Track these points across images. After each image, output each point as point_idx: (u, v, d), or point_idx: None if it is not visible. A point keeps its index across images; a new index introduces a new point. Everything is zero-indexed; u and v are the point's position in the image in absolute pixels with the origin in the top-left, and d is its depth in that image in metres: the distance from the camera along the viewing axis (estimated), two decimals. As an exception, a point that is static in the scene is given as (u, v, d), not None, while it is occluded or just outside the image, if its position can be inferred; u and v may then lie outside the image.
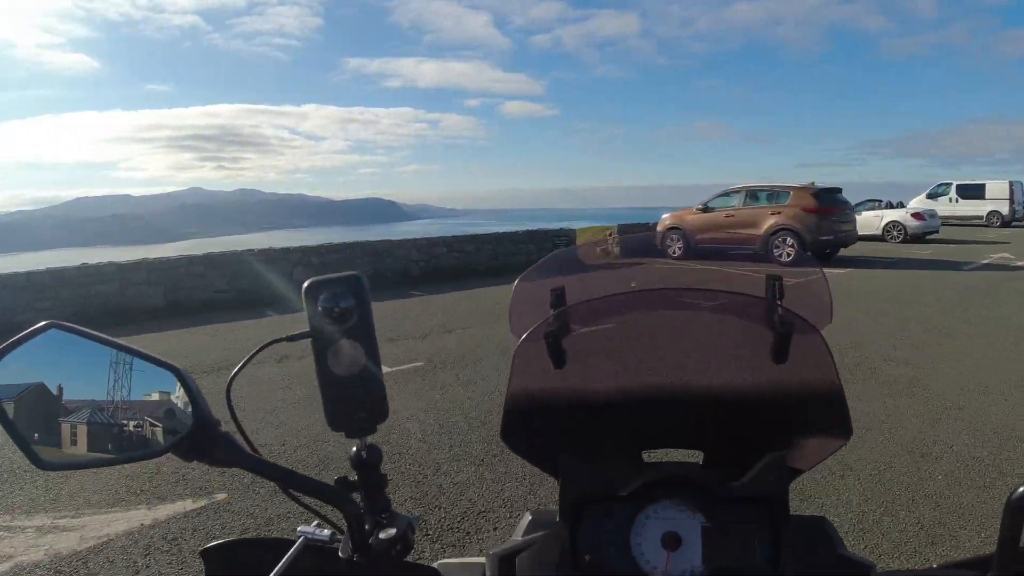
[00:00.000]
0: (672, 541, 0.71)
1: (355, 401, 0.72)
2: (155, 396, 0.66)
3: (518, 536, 0.75)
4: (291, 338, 0.73)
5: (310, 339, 0.71)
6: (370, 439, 0.75)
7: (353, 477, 0.74)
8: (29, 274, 10.18)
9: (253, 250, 12.43)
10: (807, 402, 0.76)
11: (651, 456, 0.80)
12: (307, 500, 0.74)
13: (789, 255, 13.48)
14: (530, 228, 16.76)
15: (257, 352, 0.71)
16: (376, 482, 0.74)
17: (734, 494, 0.71)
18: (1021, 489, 0.54)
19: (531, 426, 0.78)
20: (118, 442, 0.65)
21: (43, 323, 0.62)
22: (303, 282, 0.73)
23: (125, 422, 0.65)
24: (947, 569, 0.70)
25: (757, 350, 0.78)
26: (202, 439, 0.66)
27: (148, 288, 11.14)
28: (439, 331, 8.49)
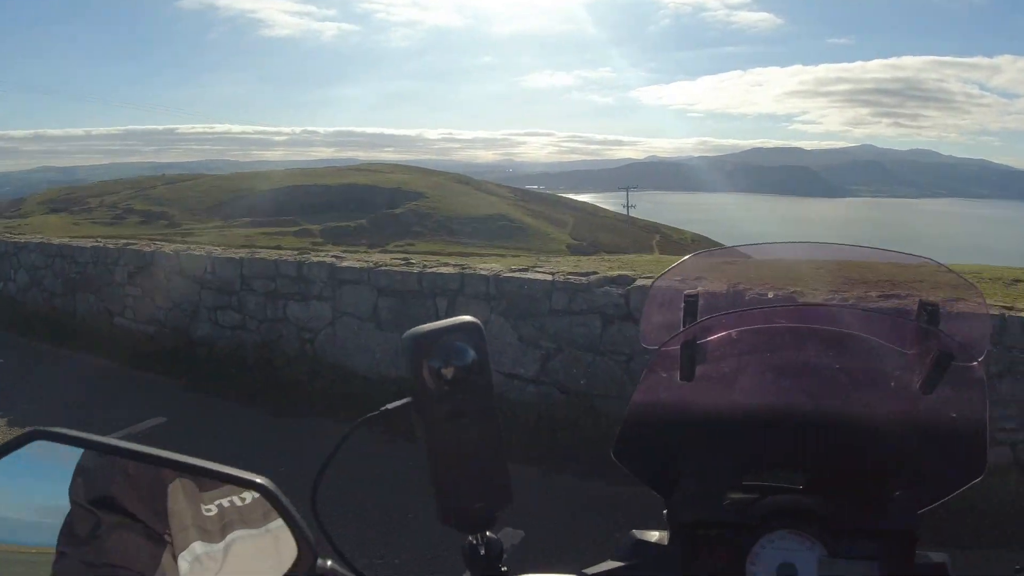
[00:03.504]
0: (788, 573, 0.67)
1: (471, 486, 0.60)
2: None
3: (620, 556, 0.70)
4: (386, 411, 0.60)
5: (412, 410, 0.59)
6: (489, 531, 0.63)
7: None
8: None
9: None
10: (947, 436, 0.71)
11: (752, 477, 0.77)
12: None
13: None
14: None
15: (347, 436, 0.59)
16: None
17: (860, 527, 0.68)
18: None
19: (648, 440, 0.76)
20: None
21: (26, 431, 0.49)
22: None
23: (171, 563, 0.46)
24: None
25: (903, 377, 0.73)
26: None
27: None
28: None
